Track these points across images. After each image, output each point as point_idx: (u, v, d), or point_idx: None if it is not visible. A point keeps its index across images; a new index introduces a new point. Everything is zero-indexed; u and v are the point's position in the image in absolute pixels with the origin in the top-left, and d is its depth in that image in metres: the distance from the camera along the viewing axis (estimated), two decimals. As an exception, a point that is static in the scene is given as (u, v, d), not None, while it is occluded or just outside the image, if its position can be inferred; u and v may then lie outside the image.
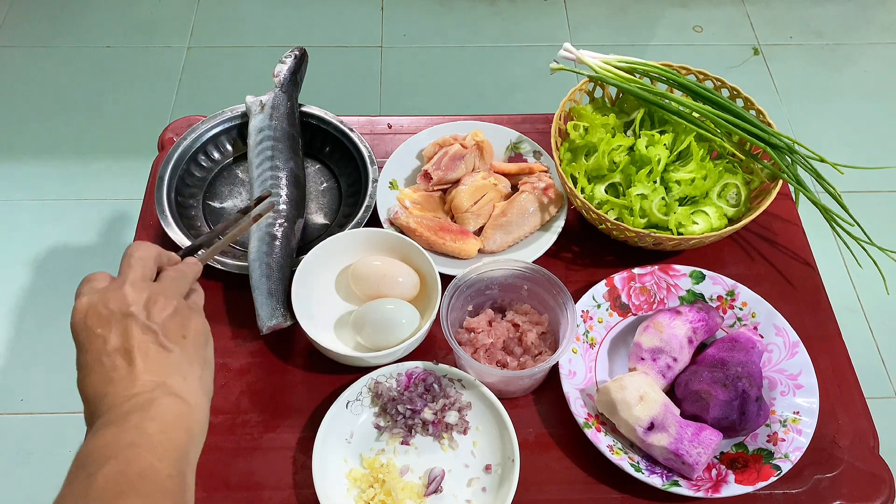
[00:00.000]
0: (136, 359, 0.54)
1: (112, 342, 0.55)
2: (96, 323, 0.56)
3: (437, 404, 0.79)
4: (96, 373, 0.54)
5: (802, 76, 2.25)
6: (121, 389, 0.53)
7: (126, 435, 0.50)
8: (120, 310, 0.56)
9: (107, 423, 0.51)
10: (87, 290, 0.58)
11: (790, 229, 0.99)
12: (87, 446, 0.50)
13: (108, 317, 0.56)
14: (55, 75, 2.18)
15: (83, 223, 1.86)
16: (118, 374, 0.54)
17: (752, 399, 0.76)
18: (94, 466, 0.48)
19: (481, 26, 2.34)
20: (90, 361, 0.55)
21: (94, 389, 0.54)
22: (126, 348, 0.55)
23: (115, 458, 0.49)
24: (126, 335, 0.55)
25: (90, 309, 0.56)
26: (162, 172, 0.96)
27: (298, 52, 1.05)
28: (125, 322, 0.56)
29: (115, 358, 0.54)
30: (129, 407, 0.52)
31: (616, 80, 0.94)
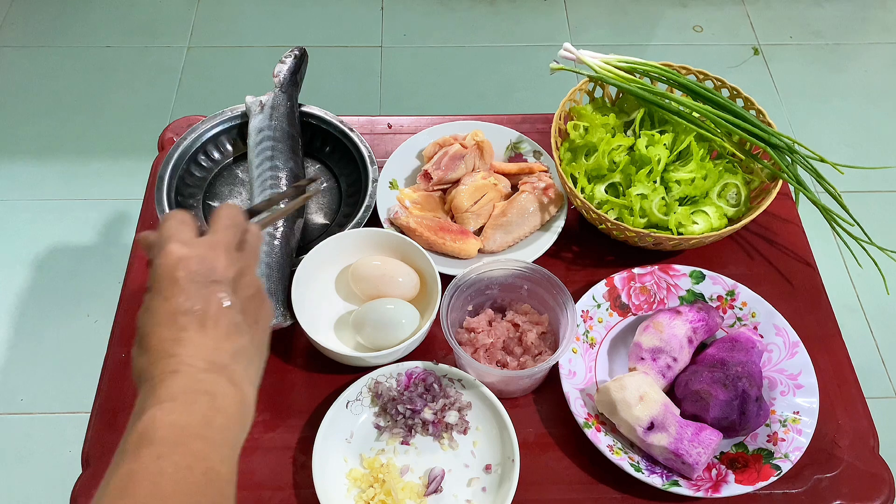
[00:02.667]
0: (209, 332, 0.52)
1: (194, 304, 0.52)
2: (186, 277, 0.52)
3: (437, 404, 0.79)
4: (166, 327, 0.51)
5: (802, 76, 2.25)
6: (188, 358, 0.51)
7: (194, 423, 0.48)
8: (210, 275, 0.53)
9: (173, 398, 0.49)
10: (178, 238, 0.55)
11: (790, 229, 0.99)
12: (153, 417, 0.48)
13: (198, 276, 0.53)
14: (55, 75, 2.18)
15: (83, 223, 1.86)
16: (188, 339, 0.51)
17: (752, 399, 0.76)
18: (164, 448, 0.46)
19: (481, 26, 2.34)
20: (164, 312, 0.52)
21: (161, 343, 0.51)
22: (204, 316, 0.52)
23: (183, 447, 0.47)
24: (208, 303, 0.52)
25: (182, 261, 0.53)
26: (162, 172, 0.96)
27: (298, 52, 1.05)
28: (211, 289, 0.53)
29: (190, 320, 0.52)
30: (196, 386, 0.50)
31: (616, 80, 0.94)
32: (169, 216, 0.57)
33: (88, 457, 0.78)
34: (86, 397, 0.86)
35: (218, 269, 0.54)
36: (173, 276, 0.53)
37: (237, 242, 0.57)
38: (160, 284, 0.53)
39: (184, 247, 0.54)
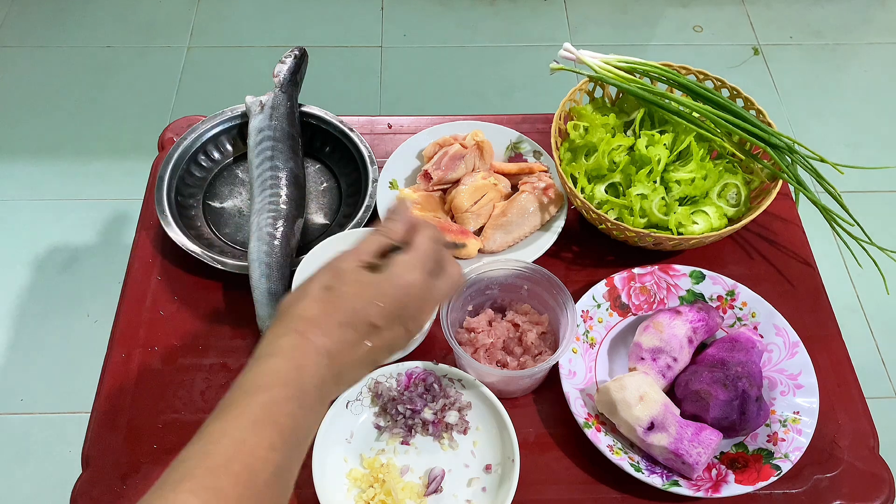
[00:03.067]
0: (364, 355, 0.55)
1: (384, 328, 0.55)
2: (407, 310, 0.56)
3: (437, 404, 0.79)
4: (349, 314, 0.53)
5: (802, 76, 2.25)
6: (335, 354, 0.53)
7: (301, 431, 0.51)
8: (414, 320, 0.57)
9: (304, 394, 0.51)
10: (430, 267, 0.57)
11: (790, 229, 0.99)
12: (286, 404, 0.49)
13: (409, 312, 0.56)
14: (55, 75, 2.18)
15: (83, 223, 1.86)
16: (349, 342, 0.53)
17: (752, 399, 0.76)
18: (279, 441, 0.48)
19: (481, 26, 2.34)
20: (364, 308, 0.54)
21: (331, 319, 0.53)
22: (376, 340, 0.55)
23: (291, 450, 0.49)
24: (391, 338, 0.56)
25: (416, 300, 0.56)
26: (162, 172, 0.96)
27: (298, 52, 1.05)
28: (403, 335, 0.57)
29: (369, 335, 0.54)
30: (320, 393, 0.52)
31: (616, 80, 0.94)
32: (436, 235, 0.59)
33: (88, 457, 0.78)
34: (86, 397, 0.85)
35: (421, 320, 0.57)
36: (402, 300, 0.55)
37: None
38: (387, 291, 0.55)
39: (426, 285, 0.56)
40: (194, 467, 0.45)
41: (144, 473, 0.77)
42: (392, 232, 0.58)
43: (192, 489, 0.44)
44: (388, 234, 0.58)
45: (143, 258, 0.93)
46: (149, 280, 0.91)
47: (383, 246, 0.58)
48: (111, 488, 0.76)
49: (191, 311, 0.89)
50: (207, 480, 0.44)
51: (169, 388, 0.83)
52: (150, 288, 0.90)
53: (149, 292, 0.90)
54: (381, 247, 0.58)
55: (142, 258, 0.93)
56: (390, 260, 0.56)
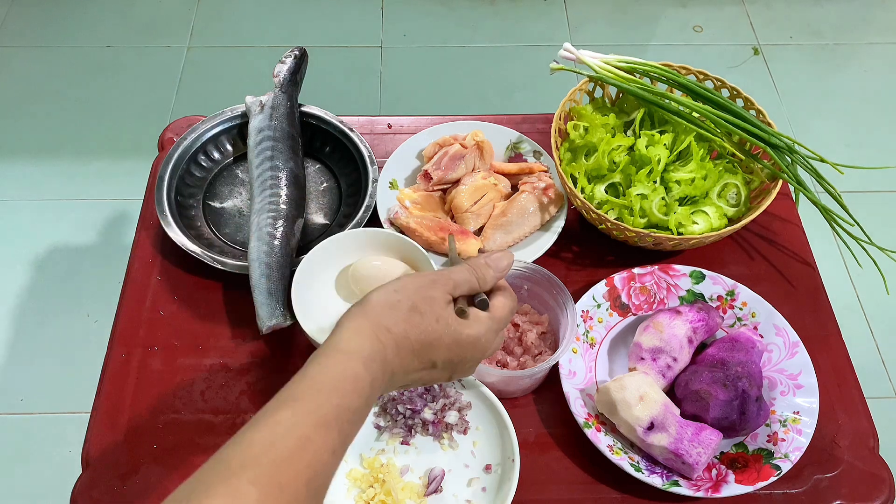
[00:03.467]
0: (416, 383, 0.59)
1: (446, 369, 0.58)
2: (473, 360, 0.60)
3: (437, 404, 0.79)
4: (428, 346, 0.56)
5: (802, 76, 2.25)
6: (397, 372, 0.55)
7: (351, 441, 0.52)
8: (471, 366, 0.61)
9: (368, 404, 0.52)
10: (502, 328, 0.61)
11: (790, 229, 0.99)
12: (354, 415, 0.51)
13: (469, 366, 0.60)
14: (55, 75, 2.18)
15: (83, 223, 1.86)
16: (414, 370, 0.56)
17: (752, 399, 0.76)
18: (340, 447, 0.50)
19: (481, 26, 2.34)
20: (438, 346, 0.56)
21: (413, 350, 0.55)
22: (434, 377, 0.59)
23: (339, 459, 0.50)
24: (445, 377, 0.60)
25: (486, 345, 0.60)
26: (162, 172, 0.96)
27: (298, 52, 1.05)
28: (461, 373, 0.61)
29: (431, 370, 0.58)
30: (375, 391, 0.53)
31: (616, 80, 0.94)
32: (515, 304, 0.63)
33: (88, 457, 0.78)
34: (86, 397, 0.85)
35: (467, 374, 0.62)
36: (467, 356, 0.59)
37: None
38: (464, 346, 0.58)
39: (493, 345, 0.61)
40: (259, 455, 0.45)
41: (144, 473, 0.77)
42: (486, 283, 0.61)
43: (254, 479, 0.43)
44: (482, 283, 0.61)
45: (143, 258, 0.93)
46: (149, 280, 0.91)
47: (473, 290, 0.60)
48: (111, 488, 0.76)
49: (191, 311, 0.89)
50: (271, 473, 0.44)
51: (169, 388, 0.83)
52: (150, 288, 0.90)
53: (149, 292, 0.90)
54: (471, 290, 0.60)
55: (142, 258, 0.93)
56: (473, 312, 0.59)
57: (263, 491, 0.43)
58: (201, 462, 0.79)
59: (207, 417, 0.81)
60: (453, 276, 0.59)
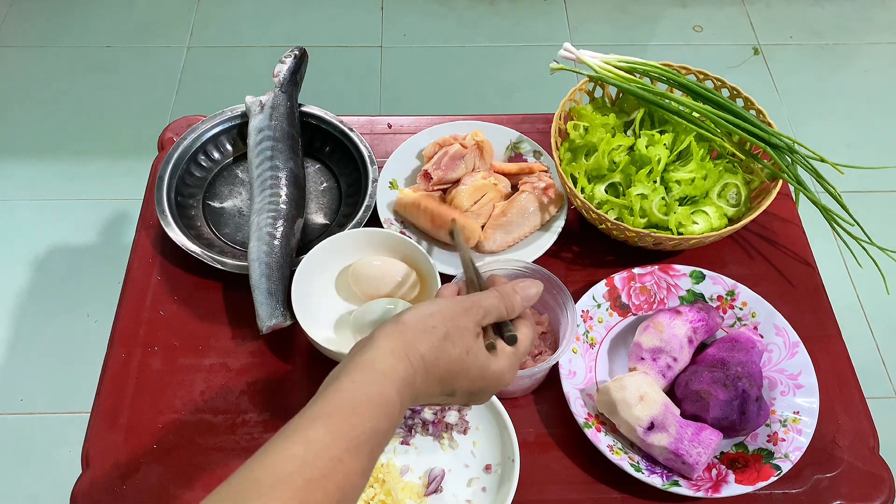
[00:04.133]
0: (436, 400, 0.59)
1: (463, 396, 0.59)
2: (491, 392, 0.61)
3: (437, 404, 0.79)
4: (452, 372, 0.56)
5: (802, 76, 2.25)
6: (425, 393, 0.56)
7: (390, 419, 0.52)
8: (498, 389, 0.61)
9: (393, 428, 0.52)
10: (518, 364, 0.62)
11: (790, 229, 0.99)
12: (382, 439, 0.51)
13: (487, 394, 0.61)
14: (55, 75, 2.18)
15: (83, 223, 1.86)
16: (435, 395, 0.57)
17: (752, 399, 0.76)
18: (368, 468, 0.50)
19: (481, 26, 2.34)
20: (464, 375, 0.57)
21: (436, 371, 0.56)
22: (452, 400, 0.60)
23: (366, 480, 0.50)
24: (463, 402, 0.61)
25: (498, 388, 0.61)
26: (162, 172, 0.96)
27: (298, 52, 1.05)
28: (482, 399, 0.62)
29: (449, 393, 0.58)
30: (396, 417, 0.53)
31: (616, 79, 0.94)
32: (533, 332, 0.64)
33: (88, 457, 0.78)
34: (86, 397, 0.85)
35: (484, 402, 0.63)
36: (487, 389, 0.60)
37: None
38: (486, 379, 0.59)
39: (512, 378, 0.62)
40: (292, 474, 0.45)
41: (144, 473, 0.77)
42: (513, 311, 0.62)
43: (284, 498, 0.43)
44: (510, 312, 0.61)
45: (143, 258, 0.93)
46: (149, 280, 0.91)
47: (500, 318, 0.61)
48: (111, 488, 0.76)
49: (191, 311, 0.89)
50: (302, 493, 0.44)
51: (169, 388, 0.83)
52: (150, 288, 0.90)
53: (149, 292, 0.90)
54: (499, 318, 0.61)
55: (142, 258, 0.93)
56: (500, 347, 0.60)
57: (291, 492, 0.43)
58: (201, 462, 0.79)
59: (207, 417, 0.81)
60: (483, 303, 0.59)
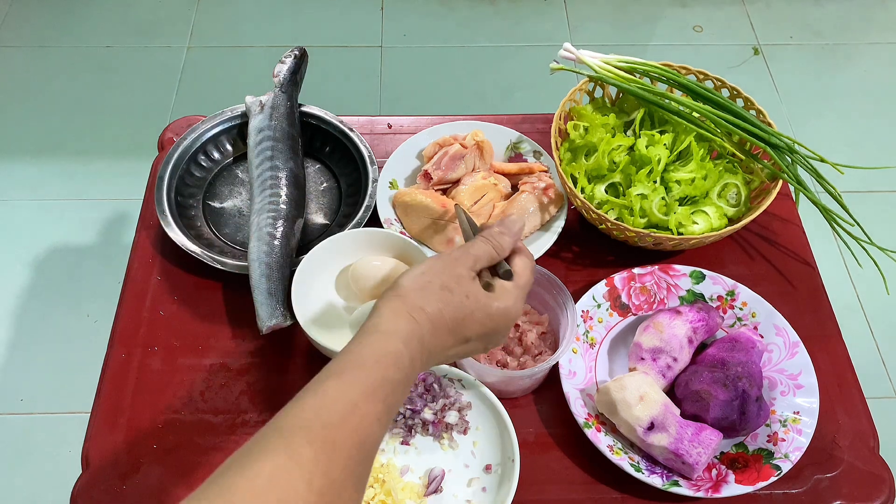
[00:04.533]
0: (449, 352, 0.59)
1: (475, 340, 0.59)
2: (500, 331, 0.61)
3: (437, 404, 0.79)
4: (452, 332, 0.57)
5: (802, 76, 2.25)
6: (433, 350, 0.56)
7: (394, 410, 0.53)
8: (503, 337, 0.62)
9: (407, 380, 0.53)
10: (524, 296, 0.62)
11: (790, 229, 0.99)
12: (396, 388, 0.52)
13: (498, 336, 0.61)
14: (55, 75, 2.18)
15: (83, 223, 1.86)
16: (450, 346, 0.58)
17: (752, 399, 0.76)
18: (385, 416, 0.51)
19: (481, 26, 2.34)
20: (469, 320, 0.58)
21: (443, 323, 0.56)
22: (462, 348, 0.59)
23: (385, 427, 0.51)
24: (471, 350, 0.61)
25: (508, 323, 0.60)
26: (162, 172, 0.96)
27: (298, 52, 1.05)
28: (492, 346, 0.62)
29: (463, 342, 0.58)
30: (412, 371, 0.54)
31: (616, 79, 0.94)
32: (534, 266, 0.64)
33: (88, 457, 0.78)
34: (86, 397, 0.85)
35: (501, 341, 0.63)
36: (499, 329, 0.60)
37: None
38: (494, 317, 0.59)
39: (518, 311, 0.61)
40: (311, 420, 0.47)
41: (144, 473, 0.77)
42: (504, 250, 0.62)
43: (309, 440, 0.45)
44: (500, 252, 0.62)
45: (143, 258, 0.93)
46: (149, 280, 0.91)
47: (493, 260, 0.61)
48: (111, 488, 0.76)
49: (191, 311, 0.89)
50: (324, 434, 0.46)
51: (169, 388, 0.83)
52: (150, 288, 0.90)
53: (149, 292, 0.90)
54: (491, 261, 0.61)
55: (142, 258, 0.93)
56: (498, 284, 0.61)
57: (317, 448, 0.45)
58: (201, 462, 0.79)
59: (207, 417, 0.81)
60: (472, 251, 0.60)
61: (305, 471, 0.44)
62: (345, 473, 0.46)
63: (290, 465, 0.44)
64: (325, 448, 0.45)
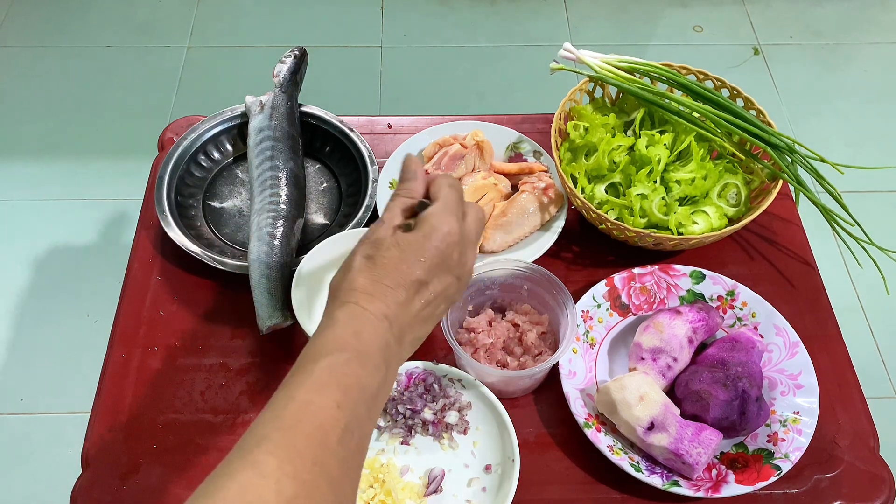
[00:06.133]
0: (419, 311, 0.56)
1: (433, 283, 0.56)
2: (446, 256, 0.56)
3: (437, 404, 0.79)
4: (398, 276, 0.55)
5: (802, 76, 2.25)
6: (390, 316, 0.54)
7: (370, 390, 0.52)
8: (460, 267, 0.58)
9: (366, 353, 0.52)
10: (459, 215, 0.58)
11: (790, 229, 0.99)
12: (347, 365, 0.51)
13: (453, 262, 0.57)
14: (55, 75, 2.18)
15: (83, 223, 1.86)
16: (402, 303, 0.55)
17: (753, 399, 0.76)
18: (345, 400, 0.50)
19: (481, 26, 2.34)
20: (408, 266, 0.55)
21: (381, 283, 0.55)
22: (429, 297, 0.56)
23: (356, 408, 0.50)
24: (441, 288, 0.57)
25: (456, 244, 0.57)
26: (162, 172, 0.96)
27: (298, 52, 1.05)
28: (451, 280, 0.57)
29: (417, 292, 0.56)
30: (378, 342, 0.53)
31: (616, 79, 0.94)
32: (455, 184, 0.60)
33: (88, 457, 0.78)
34: (86, 397, 0.86)
35: (467, 267, 0.58)
36: (441, 248, 0.56)
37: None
38: (427, 243, 0.56)
39: (460, 229, 0.58)
40: (269, 431, 0.47)
41: (144, 473, 0.77)
42: (413, 192, 0.60)
43: (269, 450, 0.46)
44: (410, 195, 0.60)
45: (143, 258, 0.93)
46: (149, 280, 0.91)
47: (409, 207, 0.59)
48: (111, 488, 0.76)
49: (191, 311, 0.89)
50: (282, 441, 0.46)
51: (169, 388, 0.83)
52: (150, 288, 0.91)
53: (149, 292, 0.90)
54: (407, 208, 0.59)
55: (142, 258, 0.93)
56: (421, 217, 0.58)
57: (281, 456, 0.45)
58: (201, 462, 0.79)
59: (207, 417, 0.81)
60: (385, 213, 0.59)
61: (272, 480, 0.44)
62: (315, 471, 0.46)
63: (256, 478, 0.44)
64: (289, 453, 0.46)
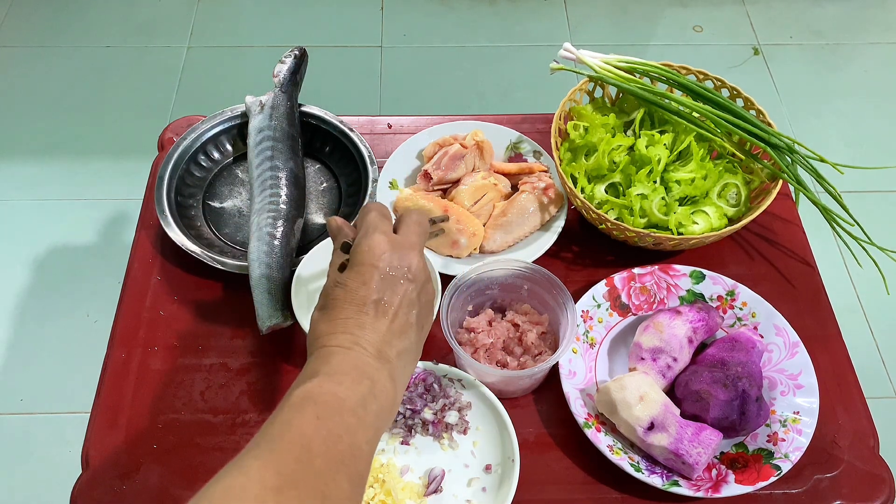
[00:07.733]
0: (388, 324, 0.58)
1: (386, 295, 0.58)
2: (386, 268, 0.59)
3: (437, 404, 0.79)
4: (355, 306, 0.58)
5: (802, 76, 2.25)
6: (364, 342, 0.57)
7: (353, 400, 0.53)
8: (406, 273, 0.59)
9: (343, 372, 0.54)
10: (382, 230, 0.60)
11: (790, 229, 0.99)
12: (322, 384, 0.53)
13: (396, 271, 0.59)
14: (55, 75, 2.18)
15: (83, 223, 1.86)
16: (369, 325, 0.57)
17: (752, 399, 0.76)
18: (324, 411, 0.52)
19: (481, 26, 2.34)
20: (358, 293, 0.58)
21: (345, 320, 0.57)
22: (388, 309, 0.58)
23: (339, 417, 0.52)
24: (397, 297, 0.58)
25: (385, 253, 0.59)
26: (162, 172, 0.96)
27: (298, 52, 1.05)
28: (404, 286, 0.59)
29: (377, 309, 0.58)
30: (364, 369, 0.55)
31: (616, 79, 0.94)
32: (371, 207, 0.63)
33: (88, 457, 0.78)
34: (86, 397, 0.86)
35: (413, 269, 0.60)
36: (375, 264, 0.59)
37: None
38: (361, 268, 0.59)
39: (387, 240, 0.60)
40: (256, 444, 0.50)
41: (144, 473, 0.77)
42: (343, 235, 0.65)
43: (254, 455, 0.49)
44: (340, 245, 0.64)
45: (143, 258, 0.93)
46: (149, 280, 0.91)
47: (342, 255, 0.63)
48: (111, 488, 0.76)
49: (191, 311, 0.89)
50: (266, 447, 0.50)
51: (169, 388, 0.83)
52: (150, 288, 0.91)
53: (149, 292, 0.90)
54: (342, 255, 0.63)
55: (142, 258, 0.93)
56: (350, 252, 0.61)
57: (264, 458, 0.48)
58: (201, 462, 0.79)
59: (207, 417, 0.81)
60: (328, 271, 0.63)
61: (255, 475, 0.47)
62: (297, 468, 0.48)
63: (240, 476, 0.47)
64: (272, 454, 0.49)
